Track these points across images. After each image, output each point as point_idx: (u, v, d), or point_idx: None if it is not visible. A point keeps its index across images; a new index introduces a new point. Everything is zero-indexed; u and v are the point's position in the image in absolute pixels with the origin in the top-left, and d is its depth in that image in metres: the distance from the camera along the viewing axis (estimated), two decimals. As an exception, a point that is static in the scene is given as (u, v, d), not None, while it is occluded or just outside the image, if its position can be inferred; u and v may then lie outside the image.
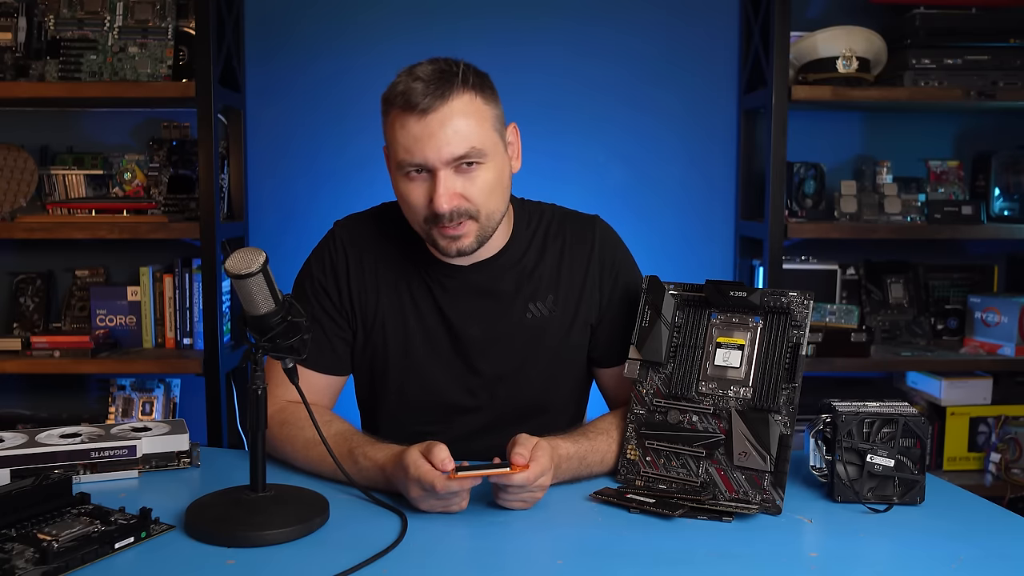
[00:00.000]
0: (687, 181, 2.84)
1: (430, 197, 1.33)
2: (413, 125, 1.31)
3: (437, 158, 1.31)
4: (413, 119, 1.30)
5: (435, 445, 1.18)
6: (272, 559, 1.07)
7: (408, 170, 1.34)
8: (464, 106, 1.32)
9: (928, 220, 2.65)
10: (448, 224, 1.34)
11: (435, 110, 1.30)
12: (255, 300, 1.13)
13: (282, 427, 1.39)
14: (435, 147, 1.30)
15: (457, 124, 1.31)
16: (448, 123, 1.30)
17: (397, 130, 1.33)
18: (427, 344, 1.48)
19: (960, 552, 1.11)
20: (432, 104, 1.30)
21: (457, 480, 1.16)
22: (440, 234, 1.36)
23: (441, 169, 1.32)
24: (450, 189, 1.32)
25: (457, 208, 1.33)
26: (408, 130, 1.31)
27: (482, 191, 1.35)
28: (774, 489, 1.25)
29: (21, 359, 2.48)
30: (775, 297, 1.32)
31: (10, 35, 2.49)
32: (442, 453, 1.17)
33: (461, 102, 1.32)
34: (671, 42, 2.81)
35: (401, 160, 1.33)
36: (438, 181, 1.32)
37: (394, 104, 1.33)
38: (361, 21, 2.75)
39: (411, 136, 1.31)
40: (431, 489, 1.17)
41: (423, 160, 1.31)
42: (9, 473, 1.25)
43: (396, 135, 1.33)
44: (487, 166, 1.35)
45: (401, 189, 1.37)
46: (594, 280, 1.51)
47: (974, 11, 2.61)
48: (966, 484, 1.77)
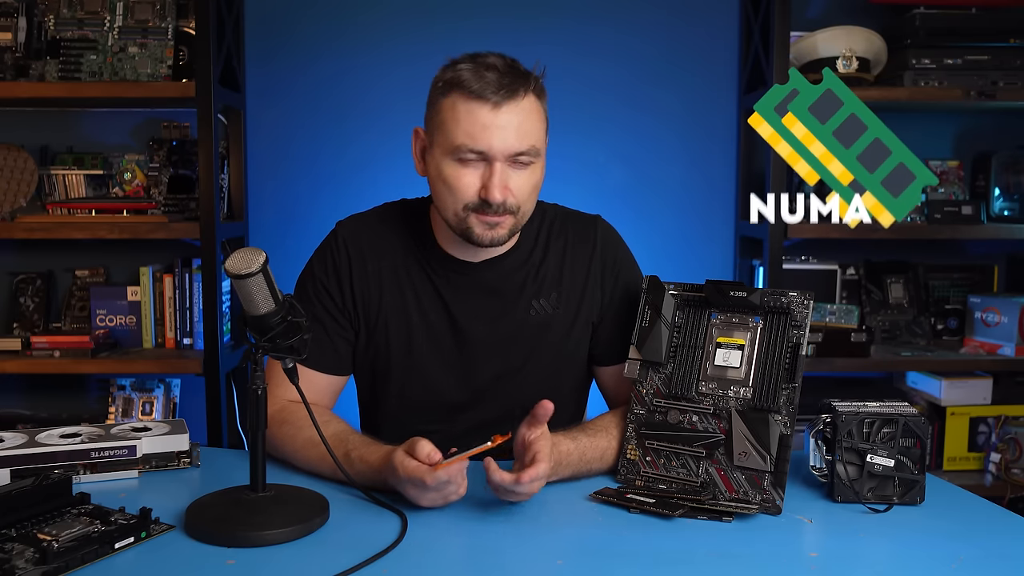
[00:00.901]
0: (687, 181, 2.84)
1: (482, 184, 1.36)
2: (483, 114, 1.33)
3: (502, 148, 1.34)
4: (485, 108, 1.33)
5: (418, 441, 1.19)
6: (272, 559, 1.07)
7: (464, 155, 1.35)
8: (531, 106, 1.37)
9: (928, 220, 2.65)
10: (492, 214, 1.36)
11: (508, 105, 1.34)
12: (255, 300, 1.13)
13: (282, 427, 1.39)
14: (502, 138, 1.33)
15: (525, 122, 1.35)
16: (517, 119, 1.34)
17: (461, 114, 1.34)
18: (430, 342, 1.48)
19: (960, 552, 1.11)
20: (506, 99, 1.33)
21: (444, 469, 1.16)
22: (479, 221, 1.38)
23: (499, 160, 1.34)
24: (504, 181, 1.35)
25: (505, 201, 1.36)
26: (475, 117, 1.33)
27: (525, 189, 1.39)
28: (774, 489, 1.25)
29: (21, 359, 2.48)
30: (775, 297, 1.32)
31: (10, 35, 2.49)
32: (425, 448, 1.18)
33: (530, 102, 1.36)
34: (671, 42, 2.80)
35: (461, 144, 1.35)
36: (494, 171, 1.35)
37: (462, 89, 1.34)
38: (361, 21, 2.75)
39: (479, 124, 1.33)
40: (422, 484, 1.17)
41: (487, 148, 1.34)
42: (9, 473, 1.25)
43: (459, 119, 1.35)
44: (536, 167, 1.39)
45: (447, 172, 1.38)
46: (596, 278, 1.52)
47: (974, 11, 2.61)
48: (966, 484, 1.76)
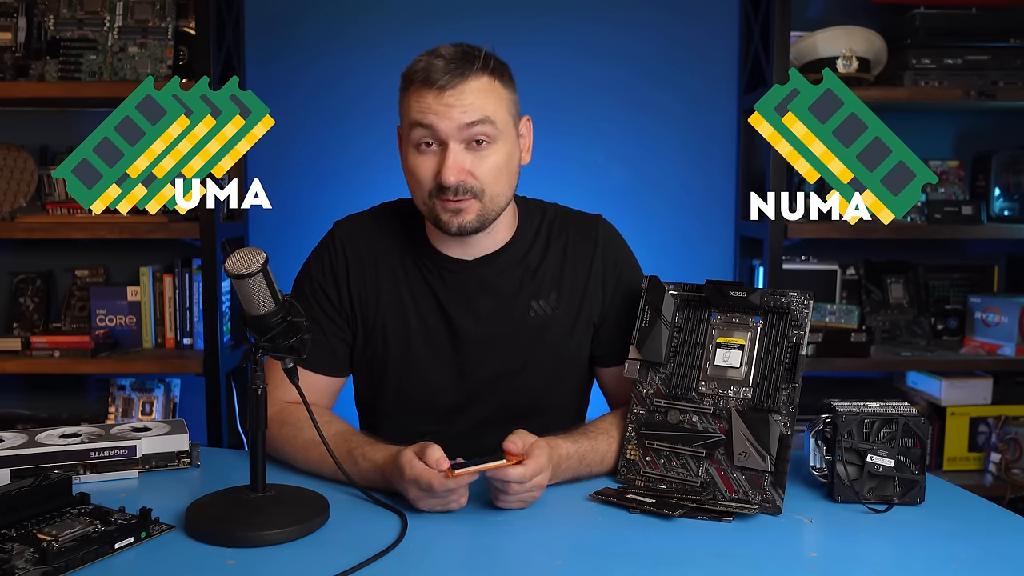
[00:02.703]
0: (687, 181, 2.84)
1: (438, 169, 1.35)
2: (430, 98, 1.34)
3: (449, 126, 1.34)
4: (432, 94, 1.34)
5: (428, 446, 1.19)
6: (272, 559, 1.07)
7: (418, 139, 1.36)
8: (481, 86, 1.36)
9: (928, 220, 2.65)
10: (451, 198, 1.36)
11: (453, 86, 1.34)
12: (255, 300, 1.13)
13: (282, 428, 1.39)
14: (447, 115, 1.34)
15: (473, 98, 1.35)
16: (464, 97, 1.34)
17: (413, 102, 1.36)
18: (427, 343, 1.48)
19: (960, 552, 1.11)
20: (451, 81, 1.33)
21: (454, 478, 1.16)
22: (443, 207, 1.38)
23: (452, 141, 1.34)
24: (458, 163, 1.35)
25: (463, 183, 1.36)
26: (424, 101, 1.35)
27: (490, 171, 1.37)
28: (774, 489, 1.25)
29: (21, 359, 2.48)
30: (775, 297, 1.32)
31: (10, 35, 2.49)
32: (436, 454, 1.17)
33: (479, 82, 1.35)
34: (671, 42, 2.80)
35: (411, 123, 1.36)
36: (448, 153, 1.35)
37: (414, 80, 1.36)
38: (361, 22, 2.75)
39: (426, 105, 1.34)
40: (429, 489, 1.17)
41: (432, 123, 1.34)
42: (9, 473, 1.25)
43: (411, 106, 1.36)
44: (497, 147, 1.38)
45: (411, 163, 1.39)
46: (597, 279, 1.51)
47: (974, 11, 2.61)
48: (966, 484, 1.77)
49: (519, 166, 1.45)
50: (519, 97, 1.44)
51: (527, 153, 1.47)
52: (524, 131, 1.46)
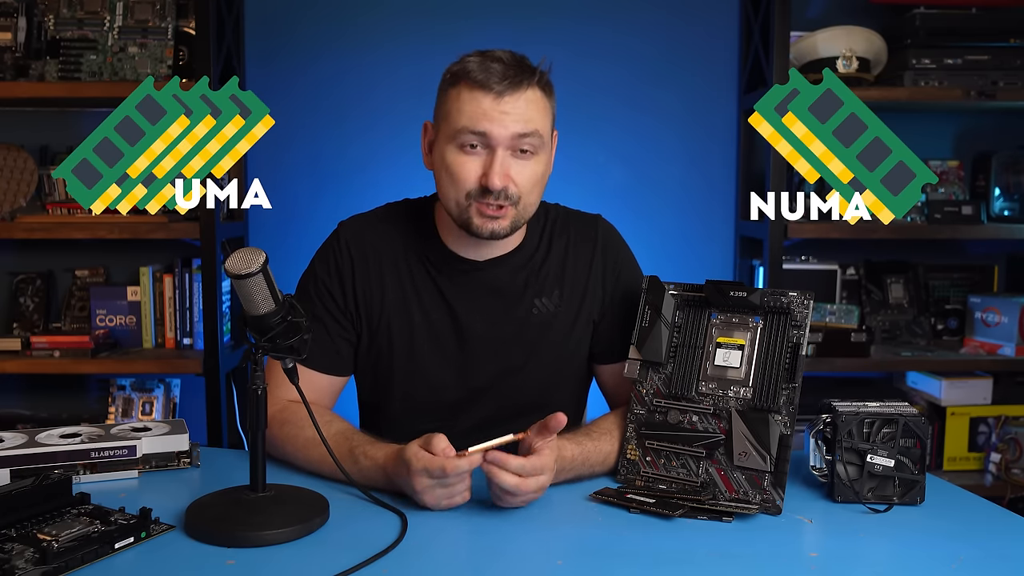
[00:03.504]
0: (687, 181, 2.84)
1: (483, 172, 1.36)
2: (486, 101, 1.35)
3: (503, 134, 1.35)
4: (488, 97, 1.35)
5: (434, 436, 1.19)
6: (272, 559, 1.07)
7: (465, 141, 1.36)
8: (535, 97, 1.38)
9: (928, 220, 2.65)
10: (492, 202, 1.37)
11: (511, 94, 1.35)
12: (255, 300, 1.13)
13: (282, 427, 1.39)
14: (503, 124, 1.35)
15: (528, 110, 1.37)
16: (519, 106, 1.36)
17: (464, 101, 1.36)
18: (432, 341, 1.48)
19: (960, 552, 1.11)
20: (508, 88, 1.35)
21: (467, 458, 1.16)
22: (479, 211, 1.38)
23: (500, 147, 1.35)
24: (505, 168, 1.36)
25: (506, 189, 1.36)
26: (478, 103, 1.35)
27: (529, 180, 1.39)
28: (774, 489, 1.25)
29: (21, 359, 2.48)
30: (775, 297, 1.32)
31: (10, 35, 2.49)
32: (442, 443, 1.18)
33: (533, 93, 1.38)
34: (671, 42, 2.81)
35: (462, 127, 1.36)
36: (495, 158, 1.36)
37: (467, 78, 1.36)
38: (361, 22, 2.75)
39: (481, 109, 1.35)
40: (439, 474, 1.17)
41: (487, 131, 1.35)
42: (9, 473, 1.25)
43: (462, 105, 1.36)
44: (539, 158, 1.40)
45: (451, 160, 1.38)
46: (597, 277, 1.52)
47: (974, 11, 2.61)
48: (966, 484, 1.76)
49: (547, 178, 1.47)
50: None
51: (550, 165, 1.49)
52: (553, 144, 1.48)
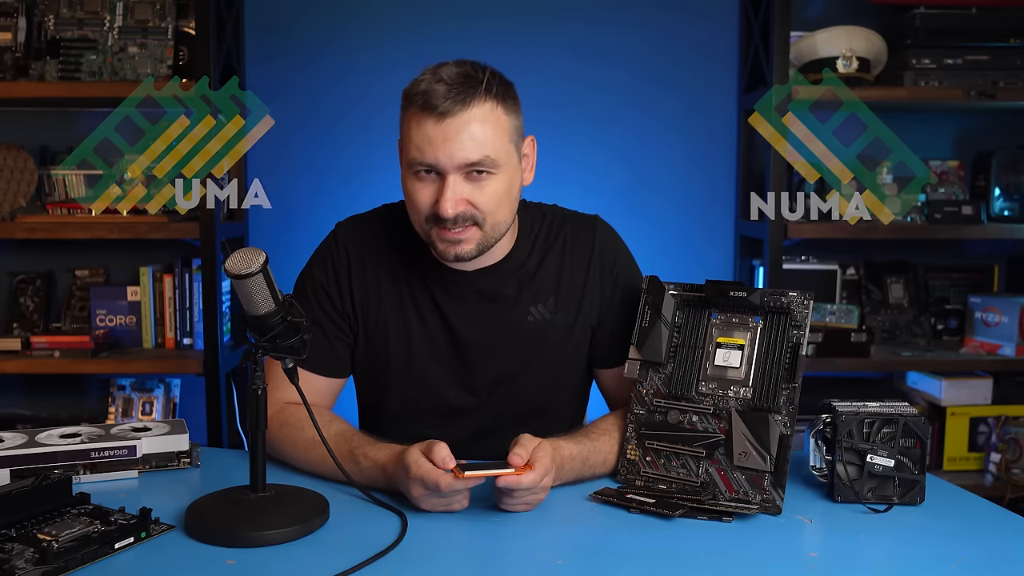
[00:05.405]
0: (687, 181, 2.84)
1: (436, 199, 1.32)
2: (430, 127, 1.30)
3: (449, 162, 1.30)
4: (431, 121, 1.30)
5: (435, 444, 1.18)
6: (272, 559, 1.07)
7: (418, 169, 1.33)
8: (484, 114, 1.31)
9: (928, 220, 2.65)
10: (451, 228, 1.33)
11: (454, 115, 1.29)
12: (255, 300, 1.13)
13: (282, 428, 1.39)
14: (448, 151, 1.30)
15: (474, 131, 1.30)
16: (465, 129, 1.29)
17: (413, 128, 1.32)
18: (428, 346, 1.48)
19: (960, 552, 1.11)
20: (451, 108, 1.29)
21: (462, 480, 1.15)
22: (440, 236, 1.35)
23: (451, 174, 1.31)
24: (457, 194, 1.32)
25: (462, 213, 1.33)
26: (424, 130, 1.30)
27: (490, 200, 1.34)
28: (774, 489, 1.25)
29: (21, 359, 2.48)
30: (775, 297, 1.32)
31: (10, 35, 2.49)
32: (443, 452, 1.17)
33: (481, 110, 1.31)
34: (671, 42, 2.80)
35: (412, 158, 1.33)
36: (446, 185, 1.31)
37: (414, 102, 1.32)
38: (361, 21, 2.75)
39: (426, 137, 1.30)
40: (434, 488, 1.17)
41: (434, 162, 1.31)
42: (9, 473, 1.25)
43: (411, 133, 1.33)
44: (498, 176, 1.34)
45: (408, 187, 1.36)
46: (595, 282, 1.51)
47: (974, 11, 2.61)
48: (966, 484, 1.76)
49: (521, 188, 1.42)
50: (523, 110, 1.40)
51: (530, 173, 1.44)
52: (528, 151, 1.42)
